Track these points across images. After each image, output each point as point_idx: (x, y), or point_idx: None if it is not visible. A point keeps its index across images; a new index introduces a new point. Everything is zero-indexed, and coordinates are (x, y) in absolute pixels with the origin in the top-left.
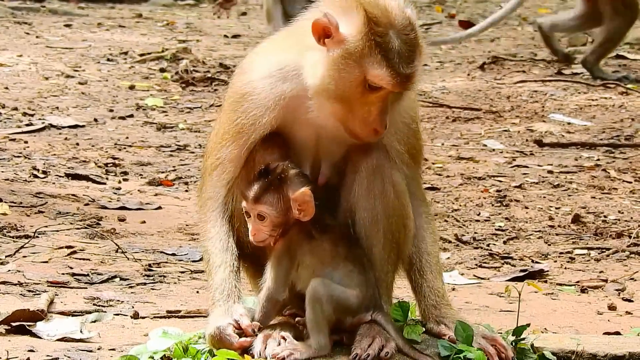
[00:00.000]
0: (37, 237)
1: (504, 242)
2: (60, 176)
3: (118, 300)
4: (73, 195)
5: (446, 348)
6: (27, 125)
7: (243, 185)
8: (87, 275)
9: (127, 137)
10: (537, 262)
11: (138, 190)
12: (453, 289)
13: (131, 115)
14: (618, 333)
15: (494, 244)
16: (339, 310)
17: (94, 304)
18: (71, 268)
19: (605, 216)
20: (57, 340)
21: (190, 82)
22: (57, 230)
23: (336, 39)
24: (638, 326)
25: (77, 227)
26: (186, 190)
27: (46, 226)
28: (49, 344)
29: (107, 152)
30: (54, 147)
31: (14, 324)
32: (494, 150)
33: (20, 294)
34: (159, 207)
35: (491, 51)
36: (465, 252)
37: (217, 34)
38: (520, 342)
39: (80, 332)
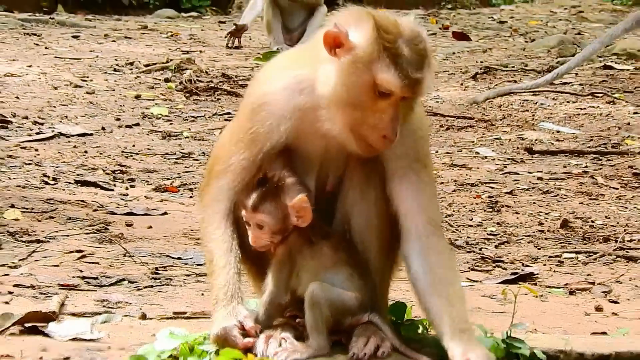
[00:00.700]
0: (48, 241)
1: (496, 246)
2: (69, 183)
3: (126, 302)
4: (82, 201)
5: (443, 348)
6: (37, 133)
7: (242, 194)
8: (97, 278)
9: (133, 145)
10: (527, 266)
11: (144, 197)
12: None
13: (137, 124)
14: (605, 333)
15: (486, 248)
16: (337, 312)
17: (103, 306)
18: (81, 271)
19: (592, 221)
20: (69, 340)
21: (193, 92)
22: (68, 235)
23: (346, 47)
24: (624, 327)
25: (87, 232)
26: (191, 197)
27: (57, 231)
28: (60, 344)
29: (114, 159)
30: (64, 155)
31: (27, 325)
32: (486, 157)
33: (33, 297)
34: (165, 213)
35: (483, 61)
36: (458, 255)
37: (220, 45)
38: (513, 342)
39: (91, 332)
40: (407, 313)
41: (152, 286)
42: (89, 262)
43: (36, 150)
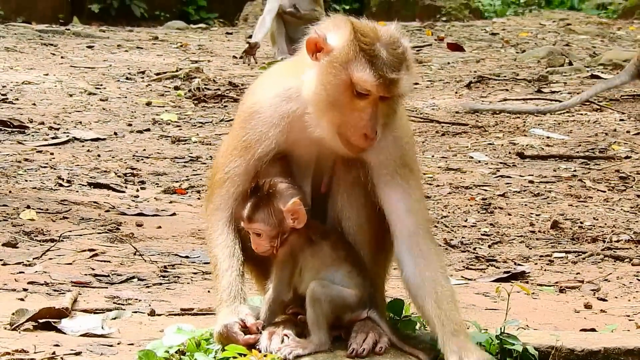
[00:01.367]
0: (62, 241)
1: (489, 246)
2: (83, 185)
3: (136, 299)
4: (95, 202)
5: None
6: (52, 138)
7: (238, 205)
8: (108, 276)
9: (144, 149)
10: (519, 265)
11: (154, 198)
12: None
13: (148, 129)
14: (594, 330)
15: (480, 248)
16: (337, 309)
17: (114, 303)
18: (93, 269)
19: (581, 222)
20: (80, 335)
21: (202, 99)
22: (80, 235)
23: (325, 50)
24: (612, 323)
25: (99, 231)
26: (198, 198)
27: (70, 231)
28: (72, 339)
29: (126, 163)
30: (78, 159)
31: (40, 321)
32: (479, 161)
33: (47, 293)
34: (174, 214)
35: (477, 71)
36: (453, 255)
37: (227, 55)
38: (506, 338)
39: (102, 328)
40: (404, 310)
41: (160, 284)
42: (101, 261)
43: (51, 154)
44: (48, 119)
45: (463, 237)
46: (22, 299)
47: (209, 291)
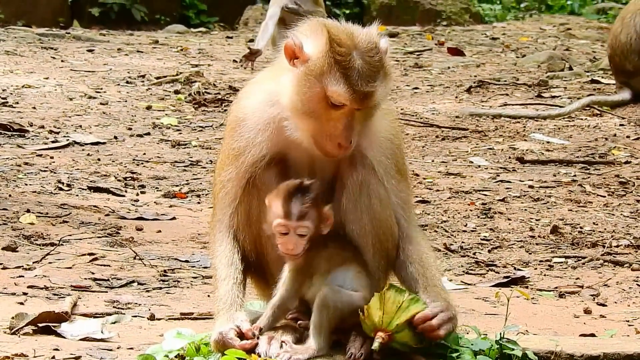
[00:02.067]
0: (62, 245)
1: (489, 251)
2: (83, 189)
3: (136, 303)
4: (95, 206)
5: (439, 348)
6: (52, 142)
7: (276, 203)
8: (108, 280)
9: (144, 153)
10: (519, 269)
11: (154, 202)
12: None
13: (148, 133)
14: (593, 335)
15: (480, 253)
16: (345, 314)
17: (113, 307)
18: (93, 273)
19: (581, 227)
20: (80, 340)
21: (202, 103)
22: (80, 239)
23: (301, 59)
24: (611, 328)
25: (99, 235)
26: (198, 202)
27: (70, 235)
28: (72, 343)
29: (126, 167)
30: (78, 162)
31: (40, 325)
32: (479, 166)
33: (46, 297)
34: (174, 218)
35: (477, 76)
36: (453, 260)
37: (227, 59)
38: (506, 343)
39: (101, 332)
40: None
41: (160, 288)
42: (101, 265)
43: (51, 157)
44: (48, 122)
45: (463, 242)
46: (21, 303)
47: (208, 295)
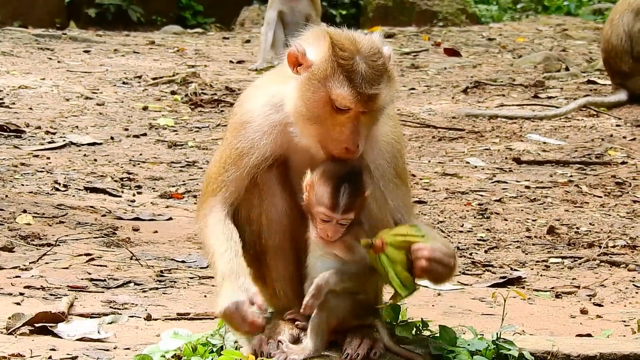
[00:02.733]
0: (59, 245)
1: (485, 252)
2: (79, 189)
3: (132, 304)
4: (91, 207)
5: (437, 348)
6: (49, 142)
7: (323, 191)
8: (104, 280)
9: (140, 154)
10: (515, 270)
11: (151, 203)
12: (439, 294)
13: (144, 134)
14: (589, 335)
15: (476, 253)
16: (343, 316)
17: (110, 307)
18: (89, 274)
19: (577, 228)
20: (77, 340)
21: (198, 104)
22: (77, 239)
23: (305, 65)
24: (608, 329)
25: (95, 236)
26: (195, 203)
27: (67, 235)
28: (69, 343)
29: (122, 167)
30: (74, 163)
31: (37, 325)
32: (476, 167)
33: (43, 298)
34: (170, 218)
35: (473, 76)
36: None
37: (223, 59)
38: (502, 343)
39: (98, 332)
40: (401, 314)
41: (157, 288)
42: (97, 265)
43: (48, 158)
44: (44, 123)
45: (459, 243)
46: (18, 303)
47: (205, 296)
